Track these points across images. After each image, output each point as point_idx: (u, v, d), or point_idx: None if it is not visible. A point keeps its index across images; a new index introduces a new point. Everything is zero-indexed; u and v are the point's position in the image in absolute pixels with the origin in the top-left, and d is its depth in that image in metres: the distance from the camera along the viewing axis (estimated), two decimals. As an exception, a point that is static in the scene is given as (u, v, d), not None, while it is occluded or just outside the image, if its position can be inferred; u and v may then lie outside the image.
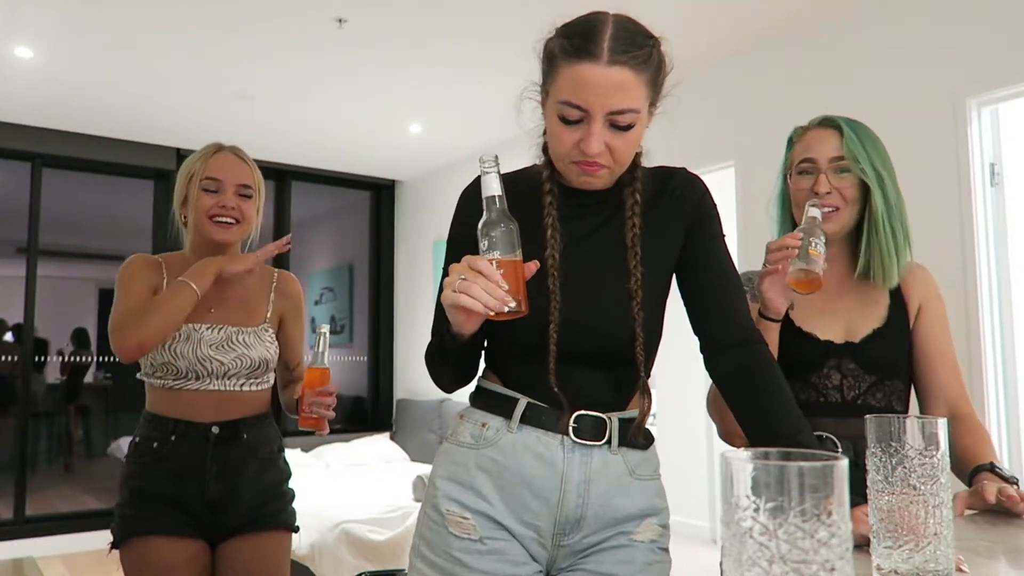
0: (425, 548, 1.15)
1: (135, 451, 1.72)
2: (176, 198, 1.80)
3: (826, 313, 1.42)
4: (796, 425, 1.07)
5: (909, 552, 0.83)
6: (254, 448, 1.74)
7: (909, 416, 0.87)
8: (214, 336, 1.71)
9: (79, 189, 5.30)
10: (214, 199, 1.73)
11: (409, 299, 6.01)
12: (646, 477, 1.18)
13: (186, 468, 1.68)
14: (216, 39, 3.58)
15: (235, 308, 1.77)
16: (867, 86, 3.10)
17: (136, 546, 1.66)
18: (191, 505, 1.68)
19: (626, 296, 1.12)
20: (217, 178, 1.73)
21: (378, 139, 5.11)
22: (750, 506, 0.55)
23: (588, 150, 1.05)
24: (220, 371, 1.70)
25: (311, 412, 1.68)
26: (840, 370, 1.38)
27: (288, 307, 1.87)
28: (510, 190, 1.16)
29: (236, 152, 1.79)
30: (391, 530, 3.58)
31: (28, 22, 3.39)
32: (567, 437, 1.12)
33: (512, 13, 3.27)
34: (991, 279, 2.74)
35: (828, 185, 1.37)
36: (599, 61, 1.02)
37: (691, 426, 4.89)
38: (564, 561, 1.15)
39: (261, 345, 1.76)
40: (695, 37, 3.51)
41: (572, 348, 1.11)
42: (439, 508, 1.15)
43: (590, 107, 1.04)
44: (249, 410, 1.76)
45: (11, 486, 4.75)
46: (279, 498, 1.79)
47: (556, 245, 1.13)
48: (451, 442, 1.20)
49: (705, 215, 1.19)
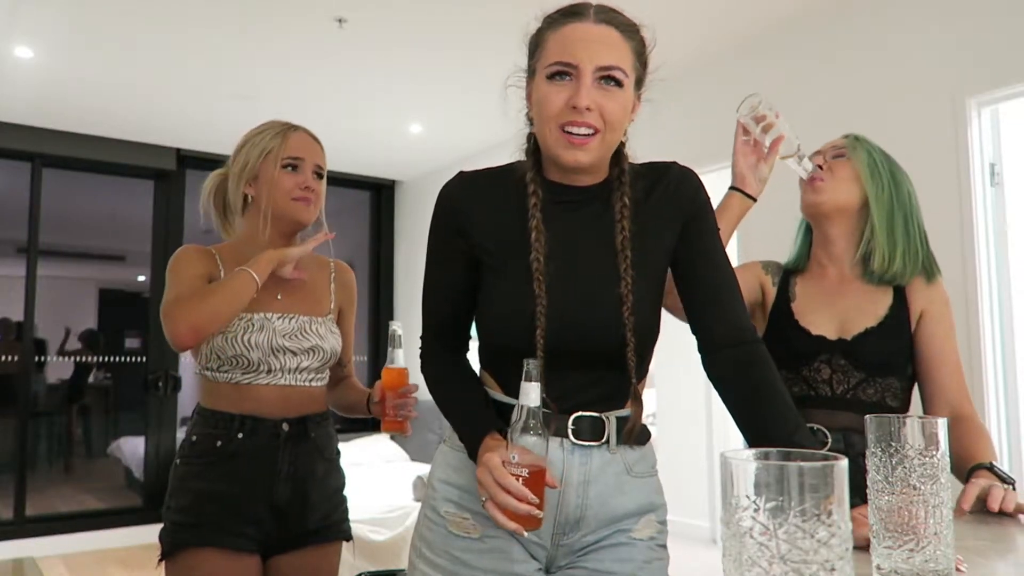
0: (426, 549, 1.16)
1: (192, 450, 1.57)
2: (242, 175, 1.65)
3: (825, 309, 1.47)
4: (792, 426, 1.06)
5: (909, 552, 0.83)
6: (321, 447, 1.65)
7: (909, 416, 0.87)
8: (287, 326, 1.60)
9: (79, 189, 5.30)
10: (295, 179, 1.63)
11: (409, 299, 6.01)
12: (643, 474, 1.17)
13: (255, 469, 1.55)
14: (216, 39, 3.58)
15: (303, 296, 1.67)
16: (867, 86, 3.10)
17: (189, 558, 1.52)
18: (256, 510, 1.55)
19: (616, 300, 1.10)
20: (300, 157, 1.64)
21: (378, 139, 5.11)
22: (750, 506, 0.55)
23: (579, 102, 1.05)
24: (293, 364, 1.60)
25: (395, 415, 1.60)
26: (830, 365, 1.42)
27: (345, 299, 1.79)
28: (489, 186, 1.18)
29: (309, 132, 1.71)
30: (391, 530, 3.58)
31: (28, 22, 3.39)
32: (566, 439, 1.11)
33: (512, 13, 3.27)
34: (991, 279, 2.74)
35: (822, 160, 1.52)
36: (587, 19, 1.08)
37: (691, 426, 4.88)
38: (563, 559, 1.15)
39: (332, 336, 1.67)
40: (695, 36, 3.51)
41: (562, 353, 1.09)
42: (438, 510, 1.16)
43: (579, 61, 1.06)
44: (314, 407, 1.66)
45: (11, 486, 4.75)
46: (341, 505, 1.71)
47: (541, 248, 1.10)
48: (449, 445, 1.20)
49: (700, 210, 1.17)
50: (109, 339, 5.57)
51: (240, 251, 1.64)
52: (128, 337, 5.49)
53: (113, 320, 5.69)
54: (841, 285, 1.49)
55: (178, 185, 5.29)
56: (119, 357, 5.58)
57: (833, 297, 1.48)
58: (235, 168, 1.66)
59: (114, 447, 5.59)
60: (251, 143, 1.66)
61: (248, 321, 1.57)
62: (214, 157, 5.24)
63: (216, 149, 5.19)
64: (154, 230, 5.24)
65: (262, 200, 1.63)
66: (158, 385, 5.14)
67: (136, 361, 5.31)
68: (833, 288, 1.49)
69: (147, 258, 5.26)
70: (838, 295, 1.48)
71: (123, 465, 5.47)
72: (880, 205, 1.44)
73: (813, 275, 1.54)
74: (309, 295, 1.69)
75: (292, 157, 1.64)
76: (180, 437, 5.17)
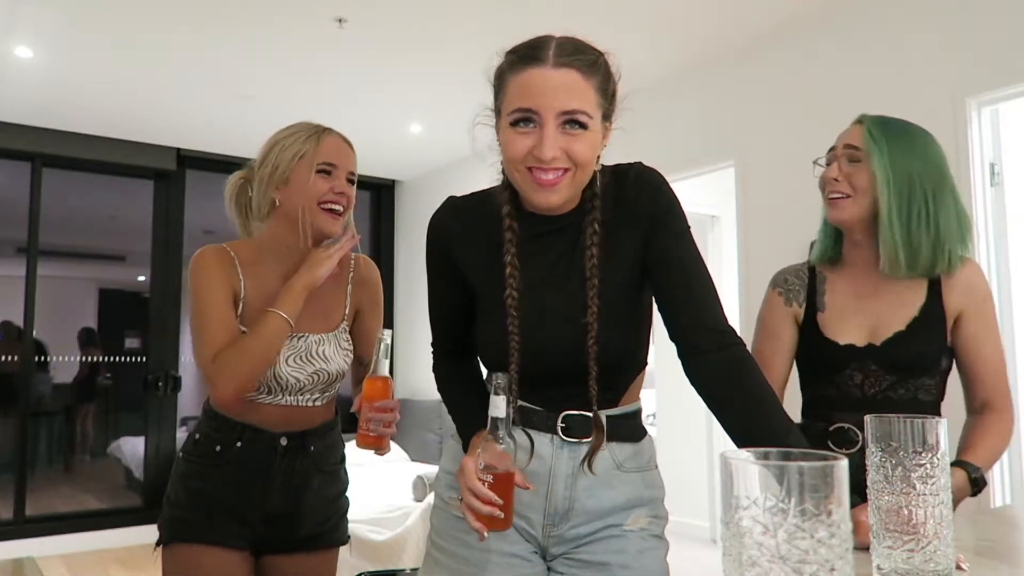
0: (435, 534, 1.25)
1: (195, 449, 1.59)
2: (272, 179, 1.58)
3: (856, 314, 1.45)
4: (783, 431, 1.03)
5: (909, 552, 0.83)
6: (320, 461, 1.65)
7: (909, 416, 0.87)
8: (293, 347, 1.57)
9: (79, 189, 5.30)
10: (329, 184, 1.58)
11: (409, 299, 6.01)
12: (634, 469, 1.19)
13: (249, 477, 1.57)
14: (216, 39, 3.58)
15: (314, 310, 1.61)
16: (867, 86, 3.10)
17: (182, 551, 1.55)
18: (248, 515, 1.57)
19: (580, 331, 1.11)
20: (334, 163, 1.59)
21: (378, 139, 5.11)
22: (750, 506, 0.55)
23: (542, 155, 1.04)
24: (295, 387, 1.59)
25: (369, 429, 1.49)
26: (862, 371, 1.41)
27: (365, 297, 1.73)
28: (472, 217, 1.21)
29: (342, 135, 1.67)
30: (391, 530, 3.58)
31: (28, 22, 3.39)
32: (556, 436, 1.16)
33: (512, 13, 3.27)
34: (991, 279, 2.73)
35: (837, 172, 1.42)
36: (545, 64, 1.04)
37: (691, 426, 4.89)
38: (555, 548, 1.19)
39: (339, 355, 1.64)
40: (696, 37, 3.51)
41: (536, 379, 1.15)
42: (443, 496, 1.25)
43: (540, 109, 1.04)
44: (318, 421, 1.65)
45: (11, 486, 4.75)
46: (338, 512, 1.71)
47: (515, 284, 1.13)
48: (454, 439, 1.28)
49: (661, 215, 1.13)
50: (109, 339, 5.57)
51: (262, 254, 1.61)
52: (128, 337, 5.49)
53: (113, 320, 5.69)
54: (874, 284, 1.44)
55: (178, 185, 5.29)
56: (119, 357, 5.57)
57: (865, 300, 1.45)
58: (263, 171, 1.59)
59: (114, 447, 5.58)
60: (281, 145, 1.59)
61: None
62: (214, 157, 5.24)
63: (216, 149, 5.19)
64: (154, 230, 5.24)
65: (292, 205, 1.57)
66: (158, 385, 5.15)
67: (136, 361, 5.31)
68: (866, 288, 1.45)
69: (147, 258, 5.26)
70: (871, 296, 1.44)
71: (123, 465, 5.47)
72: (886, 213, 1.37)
73: (847, 274, 1.49)
74: (321, 308, 1.63)
75: (327, 163, 1.58)
76: (180, 437, 5.20)
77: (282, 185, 1.58)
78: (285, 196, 1.58)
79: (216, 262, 1.56)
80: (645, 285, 1.18)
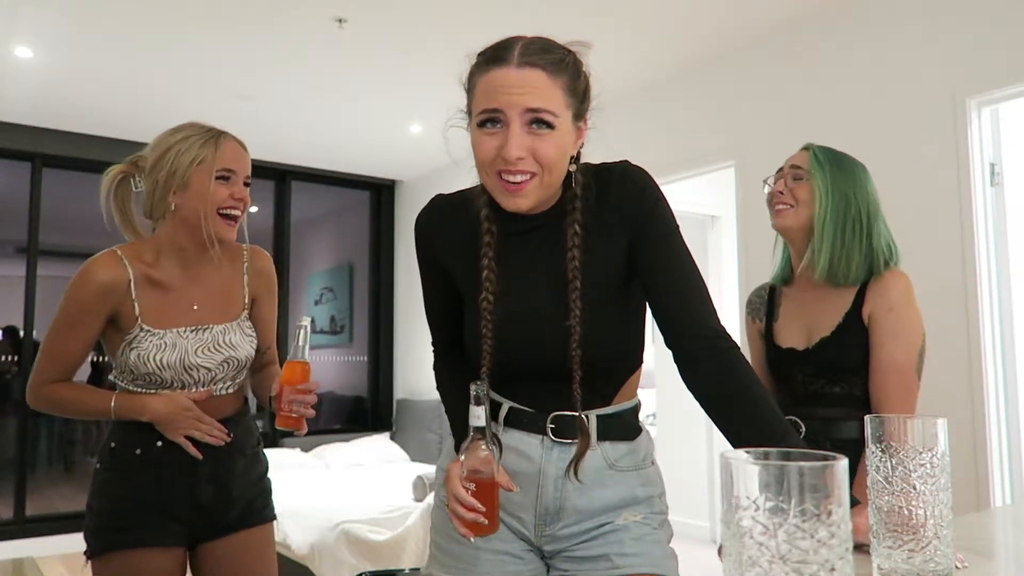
0: (435, 532, 1.26)
1: (112, 457, 1.60)
2: (170, 183, 1.57)
3: (797, 321, 1.62)
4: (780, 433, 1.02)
5: (909, 552, 0.83)
6: (241, 446, 1.68)
7: (910, 416, 0.87)
8: (199, 339, 1.60)
9: (79, 189, 5.30)
10: (228, 190, 1.59)
11: (409, 299, 6.01)
12: (628, 468, 1.18)
13: (174, 474, 1.59)
14: (216, 39, 3.58)
15: (215, 301, 1.65)
16: (867, 86, 3.10)
17: (116, 559, 1.56)
18: (179, 510, 1.60)
19: (563, 334, 1.10)
20: (233, 169, 1.61)
21: (378, 139, 5.11)
22: (750, 506, 0.55)
23: (508, 155, 1.04)
24: (207, 378, 1.61)
25: (290, 411, 1.53)
26: (802, 371, 1.58)
27: (261, 285, 1.75)
28: (454, 217, 1.22)
29: (237, 139, 1.68)
30: (391, 530, 3.58)
31: (28, 22, 3.39)
32: (547, 437, 1.16)
33: (512, 12, 3.27)
34: (991, 279, 2.73)
35: (783, 186, 1.62)
36: (510, 64, 1.05)
37: (691, 426, 4.89)
38: (552, 547, 1.19)
39: (246, 342, 1.67)
40: (696, 37, 3.51)
41: (521, 381, 1.16)
42: (439, 493, 1.25)
43: (504, 108, 1.04)
44: (232, 408, 1.69)
45: (11, 486, 4.75)
46: (264, 492, 1.74)
47: (492, 287, 1.13)
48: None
49: (645, 217, 1.12)
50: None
51: (160, 257, 1.63)
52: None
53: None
54: (814, 293, 1.60)
55: (178, 185, 5.29)
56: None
57: (807, 307, 1.61)
58: (158, 174, 1.59)
59: (114, 447, 5.58)
60: (176, 150, 1.59)
61: (160, 339, 1.57)
62: (214, 157, 5.24)
63: (216, 149, 5.19)
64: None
65: (191, 210, 1.58)
66: (158, 385, 5.14)
67: (136, 361, 5.31)
68: (809, 297, 1.61)
69: (147, 258, 5.26)
70: (811, 303, 1.60)
71: (123, 465, 5.47)
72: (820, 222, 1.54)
73: (796, 286, 1.66)
74: (222, 299, 1.67)
75: (227, 169, 1.60)
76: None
77: (180, 190, 1.58)
78: (183, 201, 1.58)
79: (97, 290, 1.56)
80: (635, 285, 1.17)
